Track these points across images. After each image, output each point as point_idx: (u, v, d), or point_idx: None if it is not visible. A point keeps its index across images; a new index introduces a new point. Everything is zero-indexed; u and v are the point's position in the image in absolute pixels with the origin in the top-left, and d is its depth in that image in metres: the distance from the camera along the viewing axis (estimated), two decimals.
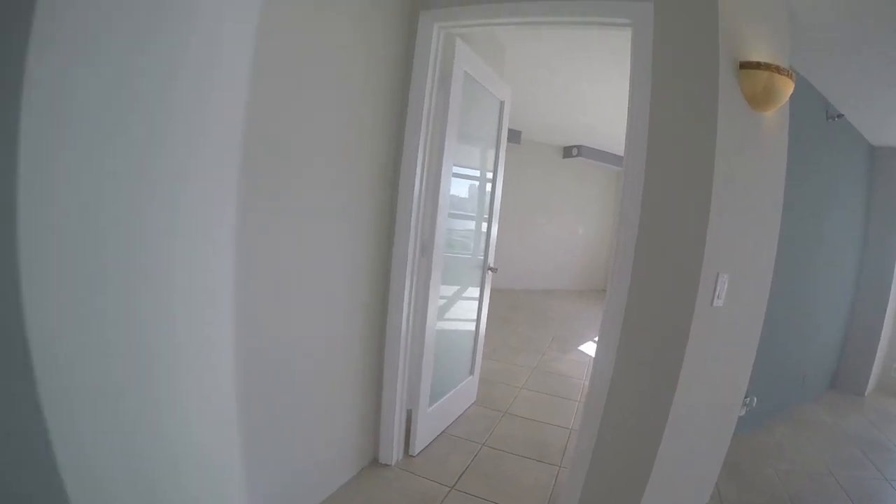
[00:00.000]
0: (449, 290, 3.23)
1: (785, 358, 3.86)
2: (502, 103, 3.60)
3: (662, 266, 2.06)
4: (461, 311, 3.59)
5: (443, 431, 3.26)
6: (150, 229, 1.26)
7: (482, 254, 3.66)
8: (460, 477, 2.79)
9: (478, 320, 3.74)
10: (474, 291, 3.67)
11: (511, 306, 7.69)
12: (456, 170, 2.99)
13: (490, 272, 3.69)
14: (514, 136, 7.79)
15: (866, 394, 4.81)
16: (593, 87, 5.21)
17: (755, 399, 3.36)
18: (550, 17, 2.38)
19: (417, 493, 2.60)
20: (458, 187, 3.24)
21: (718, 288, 2.04)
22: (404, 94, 2.63)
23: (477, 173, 3.65)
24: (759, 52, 2.13)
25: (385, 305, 2.74)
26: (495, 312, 5.85)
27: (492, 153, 3.66)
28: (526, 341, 5.86)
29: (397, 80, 2.59)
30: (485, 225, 3.67)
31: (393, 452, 2.83)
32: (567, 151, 9.30)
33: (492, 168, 3.68)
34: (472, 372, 3.75)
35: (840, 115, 3.78)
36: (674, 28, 2.04)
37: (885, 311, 4.75)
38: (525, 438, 3.30)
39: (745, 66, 2.04)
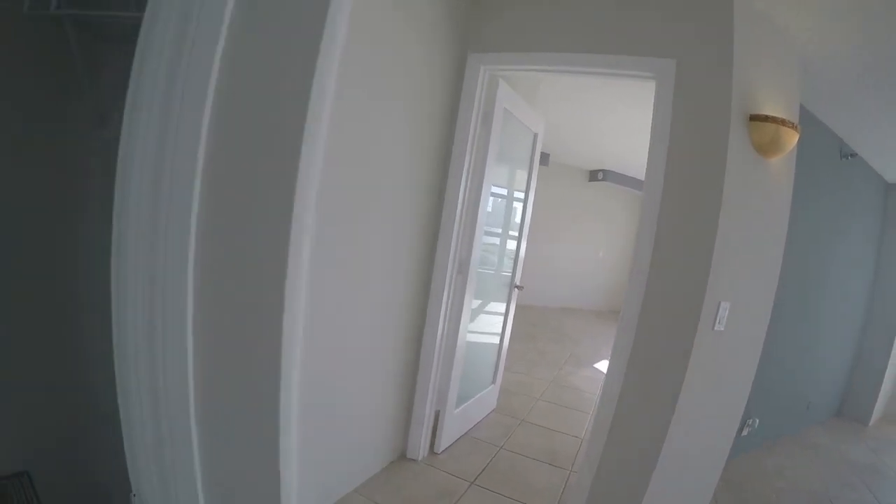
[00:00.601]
0: (477, 304, 3.52)
1: (790, 384, 4.06)
2: (536, 135, 3.92)
3: (670, 292, 2.35)
4: (488, 324, 3.89)
5: (465, 433, 3.54)
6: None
7: (509, 271, 3.96)
8: (479, 474, 3.06)
9: (502, 334, 4.03)
10: (501, 305, 3.97)
11: (531, 322, 7.94)
12: (492, 189, 3.34)
13: (516, 289, 3.98)
14: (543, 158, 8.05)
15: (871, 423, 4.97)
16: (619, 118, 5.49)
17: (757, 421, 3.59)
18: (585, 68, 2.70)
19: (441, 486, 2.89)
20: (491, 208, 3.55)
21: (720, 314, 2.32)
22: (451, 126, 2.97)
23: (507, 193, 3.96)
24: (768, 106, 2.39)
25: (423, 317, 3.07)
26: (516, 327, 6.10)
27: (524, 177, 3.98)
28: (544, 356, 6.12)
29: (445, 113, 2.93)
30: (512, 243, 3.97)
31: (420, 449, 3.13)
32: (593, 175, 9.56)
33: (523, 191, 4.00)
34: (494, 381, 4.03)
35: (853, 154, 4.00)
36: (692, 83, 2.34)
37: (893, 342, 4.92)
38: (540, 444, 3.57)
39: (755, 118, 2.32)
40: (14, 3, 1.49)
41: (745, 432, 3.57)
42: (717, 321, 2.32)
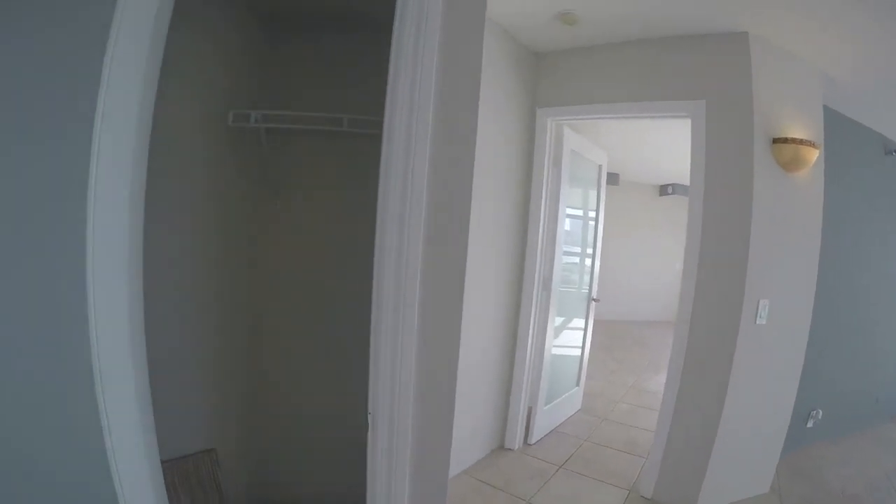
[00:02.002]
0: (561, 316, 4.13)
1: (854, 379, 4.30)
2: (600, 166, 4.52)
3: (715, 294, 2.87)
4: (571, 333, 4.48)
5: (553, 429, 4.11)
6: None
7: (587, 286, 4.56)
8: (566, 461, 3.62)
9: (583, 341, 4.61)
10: (581, 316, 4.56)
11: (611, 335, 8.36)
12: (567, 213, 3.97)
13: (594, 302, 4.56)
14: (612, 178, 8.53)
15: None
16: (677, 140, 5.94)
17: (821, 412, 3.93)
18: (632, 114, 3.31)
19: (534, 469, 3.47)
20: (569, 228, 4.17)
21: (759, 310, 2.81)
22: (529, 168, 3.62)
23: (582, 215, 4.56)
24: (790, 128, 2.86)
25: (516, 326, 3.71)
26: (596, 340, 6.57)
27: (594, 201, 4.59)
28: (624, 364, 6.57)
29: (525, 156, 3.60)
30: (588, 261, 4.57)
31: (516, 440, 3.73)
32: (663, 189, 9.89)
33: (594, 213, 4.61)
34: (578, 384, 4.59)
35: None
36: (720, 118, 2.87)
37: None
38: (619, 438, 4.08)
39: (777, 140, 2.81)
40: (222, 118, 2.26)
41: (809, 423, 3.91)
42: (758, 316, 2.81)
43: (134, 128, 1.40)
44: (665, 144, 6.34)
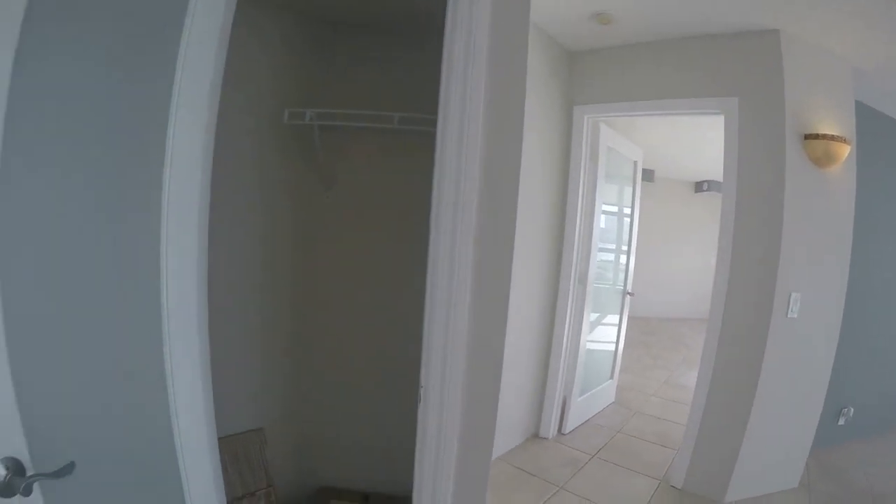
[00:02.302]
0: (596, 310, 4.22)
1: (889, 378, 4.24)
2: (636, 162, 4.57)
3: (748, 287, 2.93)
4: (605, 327, 4.56)
5: (587, 420, 4.19)
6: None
7: (622, 282, 4.63)
8: (599, 450, 3.71)
9: (618, 335, 4.67)
10: (615, 311, 4.63)
11: (645, 331, 8.36)
12: (603, 207, 4.05)
13: (629, 296, 4.63)
14: (647, 175, 8.52)
15: None
16: (710, 136, 5.93)
17: (852, 410, 3.92)
18: (666, 111, 3.40)
19: (567, 458, 3.57)
20: (604, 224, 4.25)
21: (791, 304, 2.85)
22: (565, 164, 3.71)
23: (617, 211, 4.63)
24: (821, 124, 2.89)
25: (553, 317, 3.81)
26: (631, 336, 6.64)
27: (629, 197, 4.65)
28: (658, 360, 6.59)
29: (562, 153, 3.69)
30: (623, 258, 4.64)
31: (550, 429, 3.83)
32: (698, 186, 9.81)
33: (629, 209, 4.67)
34: (612, 376, 4.67)
35: None
36: (753, 114, 2.92)
37: None
38: (652, 430, 4.14)
39: (808, 136, 2.85)
40: (278, 116, 2.41)
41: (841, 421, 3.90)
42: (790, 309, 2.85)
43: (202, 131, 1.54)
44: (700, 141, 6.33)
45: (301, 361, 2.75)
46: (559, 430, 3.92)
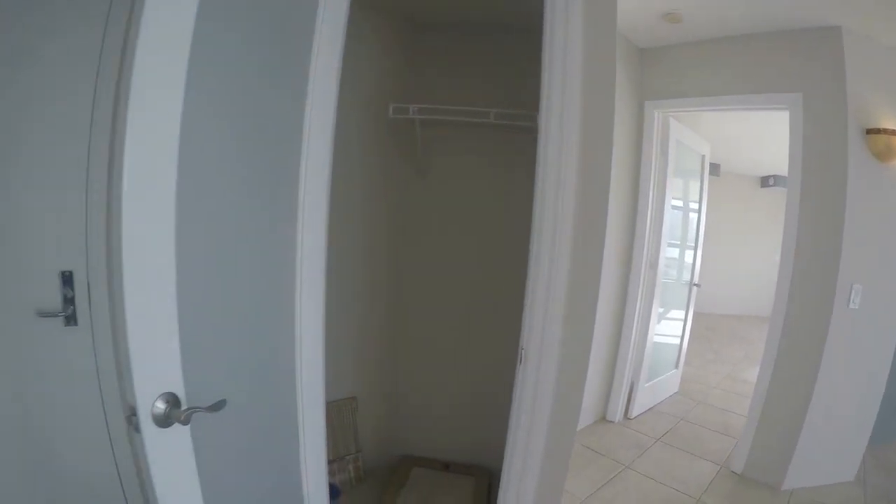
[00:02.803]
0: (663, 302, 4.32)
1: None
2: (703, 156, 4.65)
3: (810, 278, 2.99)
4: (671, 318, 4.67)
5: (652, 407, 4.31)
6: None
7: (689, 273, 4.74)
8: (663, 435, 3.83)
9: (684, 325, 4.78)
10: (682, 303, 4.74)
11: (708, 327, 8.31)
12: (672, 203, 4.16)
13: (696, 287, 4.73)
14: (713, 169, 8.41)
15: None
16: (778, 128, 5.89)
17: None
18: (735, 106, 3.48)
19: (632, 441, 3.71)
20: (672, 219, 4.34)
21: (853, 295, 2.89)
22: (636, 158, 3.85)
23: (683, 206, 4.69)
24: (882, 119, 2.91)
25: (622, 307, 3.97)
26: (695, 330, 6.66)
27: (696, 191, 4.73)
28: (720, 355, 6.60)
29: (633, 148, 3.83)
30: (690, 251, 4.73)
31: (617, 413, 3.98)
32: (764, 181, 9.62)
33: (696, 202, 4.76)
34: (676, 366, 4.77)
35: None
36: (816, 110, 2.98)
37: None
38: (714, 420, 4.21)
39: (870, 131, 2.88)
40: (383, 111, 2.66)
41: None
42: (851, 300, 2.89)
43: (329, 132, 1.80)
44: (766, 135, 6.29)
45: (393, 338, 3.02)
46: (625, 414, 4.06)
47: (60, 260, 2.00)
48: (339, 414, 2.78)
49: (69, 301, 2.00)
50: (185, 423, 1.16)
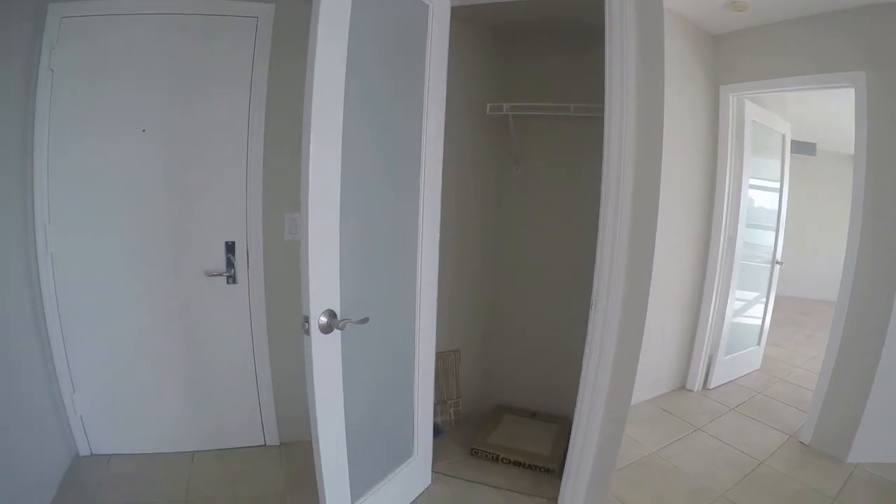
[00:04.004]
0: (746, 282, 4.54)
1: None
2: (783, 135, 4.73)
3: (878, 256, 3.05)
4: (753, 294, 4.82)
5: (731, 380, 4.48)
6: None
7: (771, 254, 4.83)
8: (738, 405, 4.01)
9: (766, 302, 4.89)
10: (765, 282, 4.86)
11: (802, 312, 8.14)
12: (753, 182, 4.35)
13: (778, 265, 4.84)
14: (808, 148, 8.17)
15: None
16: None
17: None
18: (802, 86, 3.64)
19: (708, 408, 3.93)
20: (753, 200, 4.52)
21: None
22: (713, 140, 4.06)
23: (764, 186, 4.78)
24: None
25: (702, 280, 4.20)
26: (786, 315, 6.71)
27: (777, 171, 4.80)
28: (811, 339, 6.51)
29: (709, 131, 4.04)
30: (771, 232, 4.83)
31: (696, 382, 4.22)
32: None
33: (777, 181, 4.82)
34: (759, 343, 4.89)
35: None
36: (880, 86, 3.03)
37: None
38: (791, 396, 4.27)
39: None
40: (480, 109, 3.14)
41: None
42: None
43: (440, 129, 2.36)
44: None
45: (492, 301, 3.56)
46: (704, 384, 4.28)
47: (225, 233, 2.70)
48: (444, 363, 3.28)
49: (230, 264, 2.63)
50: (341, 329, 1.74)
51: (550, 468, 2.79)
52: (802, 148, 7.74)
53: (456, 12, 2.36)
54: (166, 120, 2.59)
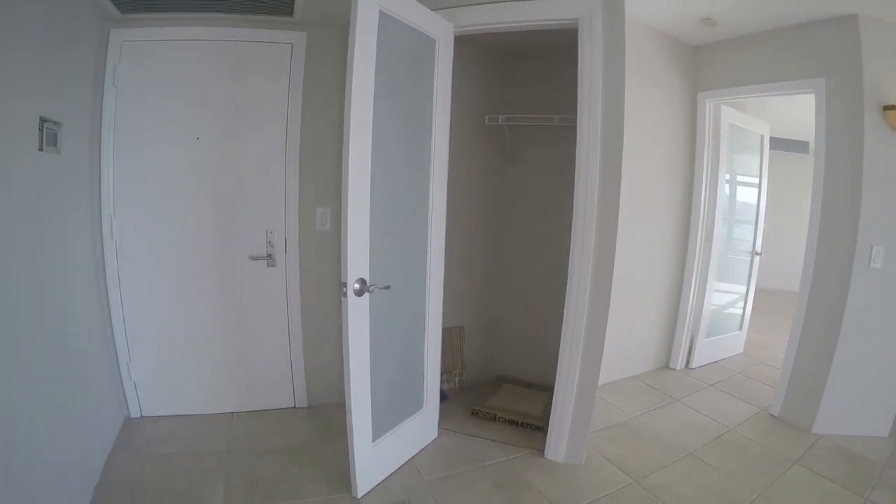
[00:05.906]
0: (727, 273, 4.95)
1: None
2: (762, 136, 5.13)
3: (835, 242, 3.39)
4: (734, 285, 5.19)
5: (713, 362, 4.88)
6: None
7: (750, 247, 5.21)
8: (717, 383, 4.41)
9: (747, 290, 5.26)
10: (745, 273, 5.24)
11: (789, 302, 8.41)
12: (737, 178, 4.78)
13: (757, 256, 5.21)
14: (802, 146, 8.47)
15: None
16: None
17: None
18: (770, 92, 3.99)
19: (689, 384, 4.34)
20: (730, 196, 4.90)
21: (874, 255, 3.23)
22: (693, 141, 4.47)
23: (748, 182, 5.20)
24: None
25: (683, 265, 4.61)
26: (772, 306, 7.11)
27: (756, 169, 5.19)
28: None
29: (688, 134, 4.45)
30: (750, 226, 5.22)
31: (679, 362, 4.64)
32: None
33: (757, 177, 5.22)
34: (741, 328, 5.28)
35: None
36: (837, 91, 3.36)
37: None
38: (769, 376, 4.61)
39: (887, 107, 3.21)
40: (480, 119, 3.66)
41: None
42: (872, 260, 3.23)
43: (446, 133, 2.84)
44: None
45: (494, 283, 4.07)
46: (686, 364, 4.70)
47: (267, 224, 3.23)
48: (449, 337, 3.75)
49: (270, 250, 3.21)
50: (371, 292, 2.25)
51: (540, 426, 3.24)
52: (796, 146, 8.12)
53: (458, 39, 2.85)
54: (217, 130, 3.08)
